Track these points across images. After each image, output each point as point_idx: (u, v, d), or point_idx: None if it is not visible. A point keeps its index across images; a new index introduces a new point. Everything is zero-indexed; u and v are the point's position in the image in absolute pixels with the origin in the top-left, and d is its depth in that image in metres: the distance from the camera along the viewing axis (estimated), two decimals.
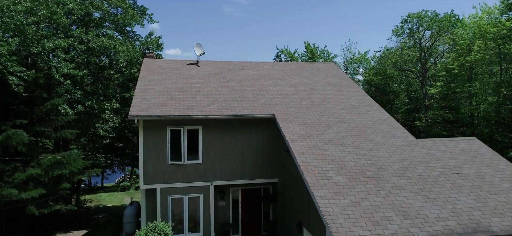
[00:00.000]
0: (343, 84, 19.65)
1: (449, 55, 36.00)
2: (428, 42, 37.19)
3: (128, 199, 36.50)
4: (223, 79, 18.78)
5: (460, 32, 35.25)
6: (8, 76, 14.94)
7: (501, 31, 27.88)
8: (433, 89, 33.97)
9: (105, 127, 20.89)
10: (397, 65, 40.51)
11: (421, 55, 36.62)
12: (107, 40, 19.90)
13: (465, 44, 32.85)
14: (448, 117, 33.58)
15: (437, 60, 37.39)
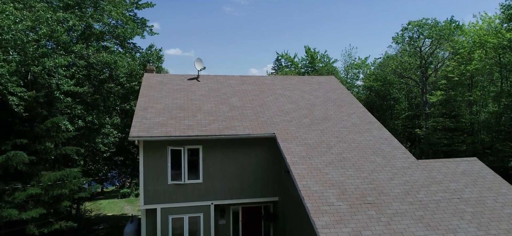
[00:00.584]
0: (344, 100, 19.60)
1: (450, 63, 35.99)
2: (429, 49, 37.16)
3: (128, 207, 36.47)
4: (223, 96, 18.74)
5: (461, 40, 35.23)
6: (9, 97, 14.91)
7: (502, 42, 27.85)
8: (434, 98, 33.94)
9: (105, 141, 20.88)
10: (398, 72, 40.50)
11: (422, 63, 36.57)
12: (108, 55, 19.87)
13: (465, 52, 32.84)
14: (448, 125, 33.54)
15: (438, 67, 37.34)
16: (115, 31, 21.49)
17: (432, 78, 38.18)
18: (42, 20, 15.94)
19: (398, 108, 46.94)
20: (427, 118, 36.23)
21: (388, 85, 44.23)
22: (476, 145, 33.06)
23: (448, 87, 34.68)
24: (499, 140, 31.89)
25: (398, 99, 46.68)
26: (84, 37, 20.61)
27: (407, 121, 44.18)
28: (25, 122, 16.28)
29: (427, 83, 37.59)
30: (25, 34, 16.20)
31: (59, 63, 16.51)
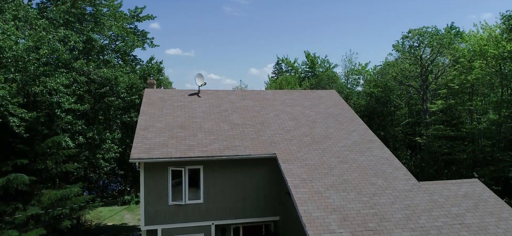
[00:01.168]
0: (345, 116, 19.58)
1: (450, 70, 35.94)
2: (429, 56, 37.06)
3: (128, 215, 36.41)
4: (224, 113, 18.72)
5: (461, 47, 35.20)
6: (10, 118, 14.89)
7: (503, 53, 27.82)
8: (434, 107, 33.92)
9: (106, 156, 20.85)
10: (398, 79, 40.45)
11: (422, 71, 36.54)
12: (108, 70, 19.85)
13: (466, 61, 32.82)
14: (449, 133, 33.54)
15: (438, 75, 37.30)
16: (116, 45, 21.46)
17: (433, 85, 38.14)
18: (44, 40, 15.91)
19: (398, 114, 46.88)
20: (427, 126, 36.18)
21: (388, 91, 44.20)
22: (477, 154, 33.06)
23: (449, 94, 34.67)
24: (499, 149, 31.88)
25: (398, 106, 46.63)
26: (85, 52, 20.57)
27: (408, 127, 44.17)
28: (26, 142, 16.26)
29: (428, 90, 37.53)
30: (26, 52, 16.18)
31: (61, 82, 16.48)
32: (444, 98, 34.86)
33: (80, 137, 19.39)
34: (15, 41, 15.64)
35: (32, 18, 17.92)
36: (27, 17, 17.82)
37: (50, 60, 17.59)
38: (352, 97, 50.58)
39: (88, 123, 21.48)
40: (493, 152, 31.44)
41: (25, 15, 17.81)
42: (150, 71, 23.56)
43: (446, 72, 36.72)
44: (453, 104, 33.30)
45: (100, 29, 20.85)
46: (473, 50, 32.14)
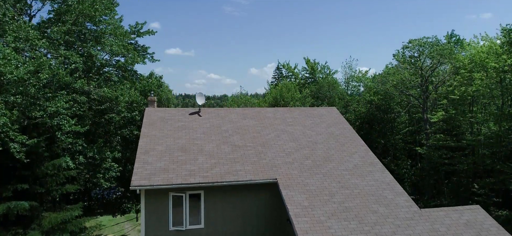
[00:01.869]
0: (346, 136, 19.54)
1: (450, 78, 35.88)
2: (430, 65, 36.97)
3: (129, 226, 36.39)
4: (225, 133, 18.68)
5: (461, 57, 35.17)
6: (10, 144, 14.84)
7: (503, 67, 27.79)
8: (435, 118, 33.88)
9: (106, 175, 20.81)
10: (398, 87, 40.38)
11: (422, 81, 36.50)
12: (109, 90, 19.81)
13: (466, 72, 32.79)
14: (449, 144, 33.51)
15: (439, 85, 37.25)
16: (117, 61, 21.44)
17: (434, 95, 38.10)
18: (44, 66, 15.86)
19: (398, 122, 46.78)
20: (428, 137, 36.15)
21: (389, 99, 44.15)
22: (477, 165, 33.04)
23: (450, 104, 34.62)
24: (499, 160, 31.86)
25: (399, 113, 46.55)
26: (85, 69, 20.52)
27: (408, 135, 44.09)
28: (26, 166, 16.20)
29: (428, 100, 37.49)
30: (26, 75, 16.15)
31: (61, 106, 16.44)
32: (445, 109, 34.82)
33: (81, 156, 19.34)
34: (16, 66, 15.59)
35: (33, 40, 17.87)
36: (28, 38, 17.77)
37: (51, 83, 17.52)
38: (352, 104, 50.56)
39: (88, 140, 21.41)
40: (494, 163, 31.44)
41: (26, 36, 17.76)
42: (151, 87, 23.50)
43: (446, 82, 36.68)
44: (453, 115, 33.26)
45: (101, 47, 20.80)
46: (474, 61, 32.12)
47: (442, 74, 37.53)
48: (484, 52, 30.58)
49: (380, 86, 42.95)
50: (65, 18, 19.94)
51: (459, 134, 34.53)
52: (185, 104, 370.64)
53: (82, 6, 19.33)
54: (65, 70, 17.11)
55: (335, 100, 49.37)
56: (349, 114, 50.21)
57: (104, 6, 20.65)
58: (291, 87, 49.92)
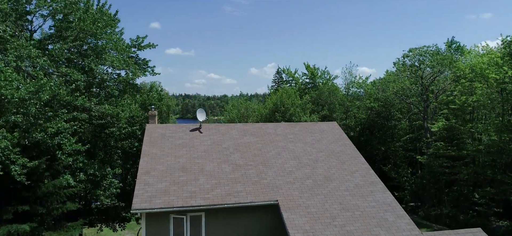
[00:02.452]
0: (347, 153, 19.53)
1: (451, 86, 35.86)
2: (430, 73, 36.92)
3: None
4: (225, 151, 18.67)
5: (462, 65, 35.16)
6: (11, 167, 14.84)
7: (504, 79, 27.79)
8: (435, 127, 33.87)
9: (107, 193, 20.83)
10: (398, 94, 40.34)
11: (423, 90, 36.49)
12: (110, 107, 19.81)
13: (466, 82, 32.81)
14: (450, 153, 33.53)
15: (439, 94, 37.23)
16: (117, 76, 21.46)
17: (434, 103, 38.08)
18: (45, 87, 15.86)
19: (399, 128, 46.71)
20: (428, 146, 36.15)
21: (389, 106, 44.13)
22: (478, 175, 33.06)
23: (450, 114, 34.62)
24: (500, 170, 31.89)
25: (399, 119, 46.52)
26: (86, 86, 20.50)
27: (408, 142, 44.05)
28: (27, 187, 16.20)
29: (429, 109, 37.47)
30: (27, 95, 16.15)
31: (62, 127, 16.44)
32: (446, 117, 34.82)
33: (81, 174, 19.34)
34: (16, 87, 15.59)
35: (34, 58, 17.86)
36: (29, 56, 17.77)
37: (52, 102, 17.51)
38: (353, 109, 50.53)
39: (89, 154, 21.42)
40: (494, 173, 31.46)
41: (27, 54, 17.77)
42: (151, 101, 23.50)
43: (447, 90, 36.66)
44: (454, 125, 33.25)
45: (102, 62, 20.81)
46: (474, 70, 32.12)
47: (442, 82, 37.45)
48: (484, 63, 30.57)
49: (381, 94, 42.91)
50: (66, 34, 19.93)
51: (460, 143, 34.53)
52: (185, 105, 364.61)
53: (83, 23, 19.32)
54: (66, 90, 17.08)
55: (336, 106, 49.34)
56: (349, 120, 50.23)
57: (106, 23, 20.64)
58: (291, 93, 49.87)
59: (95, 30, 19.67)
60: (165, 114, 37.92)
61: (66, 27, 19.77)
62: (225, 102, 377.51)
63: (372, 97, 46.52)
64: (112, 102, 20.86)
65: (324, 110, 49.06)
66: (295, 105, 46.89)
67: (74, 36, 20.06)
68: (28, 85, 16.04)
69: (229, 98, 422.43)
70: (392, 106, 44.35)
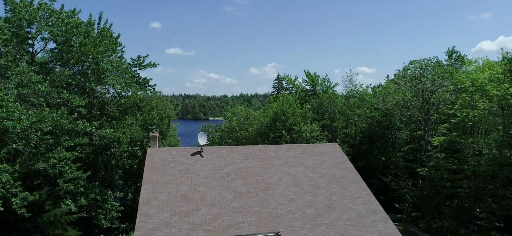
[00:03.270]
0: (348, 178, 19.51)
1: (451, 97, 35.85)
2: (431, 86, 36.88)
3: None
4: (227, 177, 18.64)
5: (463, 78, 35.14)
6: (12, 199, 14.82)
7: (505, 96, 27.76)
8: (436, 141, 33.86)
9: (108, 216, 20.79)
10: (399, 105, 40.31)
11: (423, 104, 36.46)
12: (111, 131, 19.78)
13: (467, 97, 32.80)
14: (450, 167, 33.52)
15: (440, 106, 37.21)
16: (119, 98, 21.44)
17: (435, 115, 38.06)
18: (48, 118, 15.84)
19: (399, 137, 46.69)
20: (429, 159, 36.14)
21: (389, 115, 44.11)
22: (479, 189, 33.02)
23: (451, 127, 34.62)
24: (501, 186, 31.87)
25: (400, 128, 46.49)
26: (87, 108, 20.46)
27: (409, 153, 43.98)
28: (28, 218, 16.17)
29: (430, 121, 37.44)
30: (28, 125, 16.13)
31: (63, 156, 16.43)
32: (447, 129, 34.82)
33: (82, 198, 19.32)
34: (18, 118, 15.57)
35: (36, 84, 17.83)
36: (31, 82, 17.74)
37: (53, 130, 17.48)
38: (353, 117, 50.50)
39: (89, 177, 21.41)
40: (495, 188, 31.46)
41: (28, 81, 17.75)
42: (152, 121, 23.48)
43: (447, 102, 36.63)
44: (454, 139, 33.23)
45: (103, 85, 20.80)
46: (475, 85, 32.11)
47: (443, 93, 37.36)
48: (485, 78, 30.55)
49: (381, 105, 42.86)
50: (67, 57, 19.91)
51: (461, 157, 34.50)
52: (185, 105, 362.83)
53: (84, 48, 19.29)
54: (68, 120, 17.05)
55: (336, 115, 49.33)
56: (349, 128, 50.23)
57: (107, 47, 20.62)
58: (292, 101, 49.89)
59: (96, 55, 19.63)
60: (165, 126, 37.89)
61: (67, 50, 19.74)
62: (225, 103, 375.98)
63: (372, 107, 46.53)
64: (113, 125, 20.83)
65: (324, 119, 49.06)
66: (296, 114, 46.90)
67: (76, 59, 20.03)
68: (30, 115, 16.02)
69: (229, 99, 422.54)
70: (392, 116, 44.31)
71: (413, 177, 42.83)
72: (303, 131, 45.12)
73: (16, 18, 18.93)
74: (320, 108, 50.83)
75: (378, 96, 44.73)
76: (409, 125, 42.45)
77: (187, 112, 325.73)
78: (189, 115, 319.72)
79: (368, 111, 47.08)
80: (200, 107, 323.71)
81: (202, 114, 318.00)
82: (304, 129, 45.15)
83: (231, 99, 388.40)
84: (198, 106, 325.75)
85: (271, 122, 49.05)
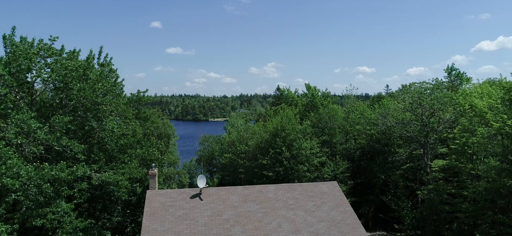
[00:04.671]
0: (347, 224, 19.56)
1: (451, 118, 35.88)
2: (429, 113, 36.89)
3: None
4: (226, 224, 18.68)
5: (462, 101, 35.19)
6: None
7: (504, 128, 27.78)
8: (435, 166, 33.90)
9: None
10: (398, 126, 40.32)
11: (422, 128, 36.49)
12: (110, 174, 19.83)
13: (466, 121, 32.83)
14: (450, 190, 33.59)
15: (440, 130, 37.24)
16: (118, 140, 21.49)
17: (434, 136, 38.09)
18: (47, 174, 15.88)
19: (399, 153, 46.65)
20: (428, 182, 36.21)
21: (388, 133, 44.12)
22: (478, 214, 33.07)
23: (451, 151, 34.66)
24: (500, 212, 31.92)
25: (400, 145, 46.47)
26: (87, 151, 20.48)
27: (408, 171, 43.96)
28: None
29: (429, 144, 37.49)
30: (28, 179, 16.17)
31: (62, 209, 16.47)
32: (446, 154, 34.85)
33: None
34: (17, 173, 15.61)
35: (35, 131, 17.86)
36: (29, 132, 17.78)
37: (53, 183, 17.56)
38: (352, 132, 50.51)
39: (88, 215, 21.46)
40: (495, 214, 31.52)
41: (27, 129, 17.78)
42: (151, 157, 23.52)
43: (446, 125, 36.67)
44: (454, 163, 33.28)
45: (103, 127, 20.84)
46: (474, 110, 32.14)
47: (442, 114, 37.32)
48: (485, 106, 30.56)
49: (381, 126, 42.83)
50: (66, 101, 19.95)
51: (460, 181, 34.53)
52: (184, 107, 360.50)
53: (83, 93, 19.34)
54: (66, 172, 17.08)
55: (336, 131, 49.35)
56: (349, 143, 50.23)
57: (106, 90, 20.67)
58: (291, 116, 49.93)
59: (96, 99, 19.68)
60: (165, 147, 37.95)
61: (67, 95, 19.78)
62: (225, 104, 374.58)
63: (372, 124, 46.54)
64: (113, 166, 20.87)
65: (324, 135, 49.05)
66: (296, 130, 46.94)
67: (75, 102, 20.07)
68: (29, 171, 16.06)
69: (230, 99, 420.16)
70: (392, 134, 44.34)
71: (412, 196, 42.86)
72: (303, 148, 45.21)
73: (16, 64, 18.96)
74: (319, 124, 50.86)
75: (377, 115, 44.70)
76: (409, 144, 42.51)
77: (187, 114, 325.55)
78: (189, 117, 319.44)
79: (368, 129, 47.11)
80: (200, 109, 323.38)
81: (202, 116, 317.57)
82: (304, 145, 45.20)
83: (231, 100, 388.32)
84: (198, 108, 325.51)
85: (271, 137, 49.10)
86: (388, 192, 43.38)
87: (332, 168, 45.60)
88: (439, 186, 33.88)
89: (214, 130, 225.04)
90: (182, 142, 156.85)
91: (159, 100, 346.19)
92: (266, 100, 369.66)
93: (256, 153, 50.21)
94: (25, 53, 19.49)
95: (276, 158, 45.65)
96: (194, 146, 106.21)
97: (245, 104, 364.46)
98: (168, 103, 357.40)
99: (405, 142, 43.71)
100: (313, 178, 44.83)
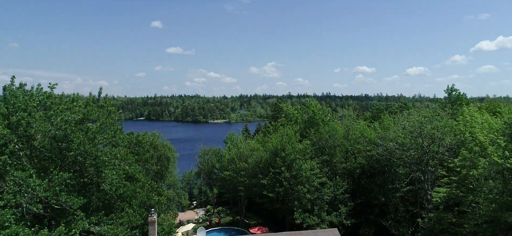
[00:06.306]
0: None
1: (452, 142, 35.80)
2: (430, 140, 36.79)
3: None
4: None
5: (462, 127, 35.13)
6: None
7: (505, 164, 27.72)
8: (436, 196, 33.84)
9: None
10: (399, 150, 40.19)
11: (423, 156, 36.41)
12: (109, 226, 19.76)
13: (467, 153, 32.76)
14: (451, 220, 33.56)
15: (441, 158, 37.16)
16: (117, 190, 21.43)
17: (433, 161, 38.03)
18: None
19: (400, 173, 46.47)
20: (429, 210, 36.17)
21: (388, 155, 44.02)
22: None
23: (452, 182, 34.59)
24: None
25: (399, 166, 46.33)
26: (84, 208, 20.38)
27: (409, 194, 43.78)
28: None
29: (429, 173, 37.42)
30: None
31: None
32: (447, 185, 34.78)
33: None
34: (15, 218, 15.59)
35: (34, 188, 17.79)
36: (28, 191, 17.70)
37: None
38: (352, 151, 50.36)
39: None
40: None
41: (26, 188, 17.71)
42: (150, 202, 23.48)
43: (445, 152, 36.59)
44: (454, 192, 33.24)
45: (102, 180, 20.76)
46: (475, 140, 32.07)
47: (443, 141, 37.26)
48: (485, 141, 30.48)
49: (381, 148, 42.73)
50: (66, 153, 19.86)
51: (461, 211, 34.46)
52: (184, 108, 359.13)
53: (82, 147, 19.26)
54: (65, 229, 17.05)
55: (336, 150, 49.21)
56: (349, 162, 50.00)
57: (107, 142, 20.61)
58: (292, 135, 49.73)
59: (95, 152, 19.60)
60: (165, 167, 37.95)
61: (66, 147, 19.70)
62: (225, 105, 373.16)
63: (371, 144, 46.38)
64: (112, 217, 20.81)
65: (324, 154, 48.85)
66: (296, 150, 46.76)
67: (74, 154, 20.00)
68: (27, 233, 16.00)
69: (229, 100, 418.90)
70: (392, 157, 44.24)
71: (412, 219, 42.72)
72: (303, 169, 45.07)
73: (16, 119, 18.85)
74: (319, 143, 50.66)
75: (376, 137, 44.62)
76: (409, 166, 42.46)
77: (187, 115, 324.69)
78: (189, 118, 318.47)
79: (368, 149, 46.95)
80: (199, 110, 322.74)
81: (202, 117, 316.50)
82: (304, 167, 45.04)
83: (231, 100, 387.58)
84: (198, 109, 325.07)
85: (270, 157, 48.89)
86: (388, 215, 43.21)
87: (332, 189, 45.44)
88: (440, 215, 33.83)
89: (214, 132, 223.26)
90: (182, 145, 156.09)
91: (159, 101, 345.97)
92: (265, 102, 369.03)
93: (256, 171, 50.06)
94: (24, 105, 19.41)
95: (276, 178, 45.53)
96: (194, 150, 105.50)
97: (245, 105, 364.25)
98: (168, 104, 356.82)
99: (405, 165, 43.64)
100: (313, 199, 44.67)
